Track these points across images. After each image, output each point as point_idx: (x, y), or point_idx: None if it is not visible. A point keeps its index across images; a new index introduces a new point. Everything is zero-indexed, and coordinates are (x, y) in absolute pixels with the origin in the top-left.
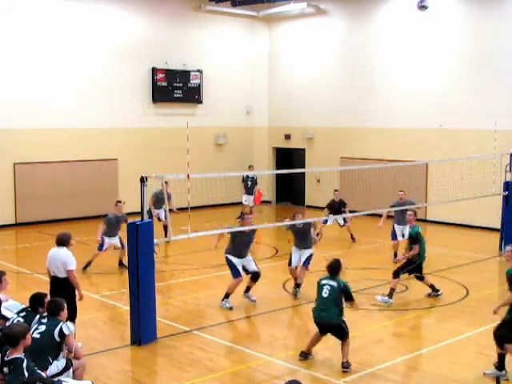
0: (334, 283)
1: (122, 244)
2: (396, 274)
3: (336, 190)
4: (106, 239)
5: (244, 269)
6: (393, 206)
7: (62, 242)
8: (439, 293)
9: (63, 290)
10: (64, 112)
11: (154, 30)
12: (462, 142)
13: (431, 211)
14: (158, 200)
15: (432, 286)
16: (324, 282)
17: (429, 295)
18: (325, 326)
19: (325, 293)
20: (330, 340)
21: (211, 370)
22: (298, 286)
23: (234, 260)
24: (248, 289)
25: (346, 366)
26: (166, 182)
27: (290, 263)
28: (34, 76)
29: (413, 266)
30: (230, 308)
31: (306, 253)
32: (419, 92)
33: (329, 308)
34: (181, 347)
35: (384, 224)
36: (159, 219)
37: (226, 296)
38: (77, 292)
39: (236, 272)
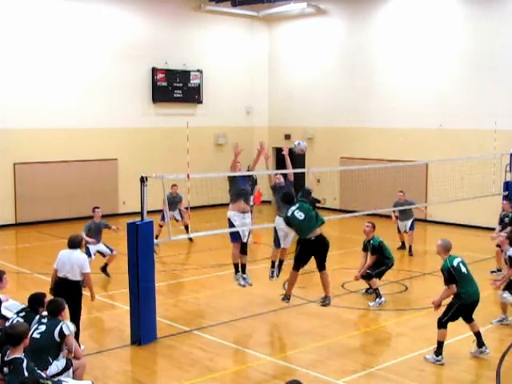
0: (301, 209)
1: (110, 248)
2: (369, 277)
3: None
4: (91, 247)
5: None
6: (395, 206)
7: (75, 244)
8: (382, 300)
9: (72, 293)
10: (64, 112)
11: (154, 30)
12: (461, 142)
13: (431, 211)
14: (170, 203)
15: (377, 290)
16: (295, 211)
17: (366, 291)
18: (316, 235)
19: (300, 216)
20: (329, 339)
21: (211, 370)
22: (281, 263)
23: (235, 218)
24: (243, 267)
25: (327, 303)
26: (175, 185)
27: (276, 244)
28: (34, 76)
29: (381, 270)
30: (244, 285)
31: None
32: (419, 92)
33: (313, 221)
34: (181, 347)
35: (395, 221)
36: (176, 220)
37: (236, 268)
38: (88, 293)
39: (234, 237)
